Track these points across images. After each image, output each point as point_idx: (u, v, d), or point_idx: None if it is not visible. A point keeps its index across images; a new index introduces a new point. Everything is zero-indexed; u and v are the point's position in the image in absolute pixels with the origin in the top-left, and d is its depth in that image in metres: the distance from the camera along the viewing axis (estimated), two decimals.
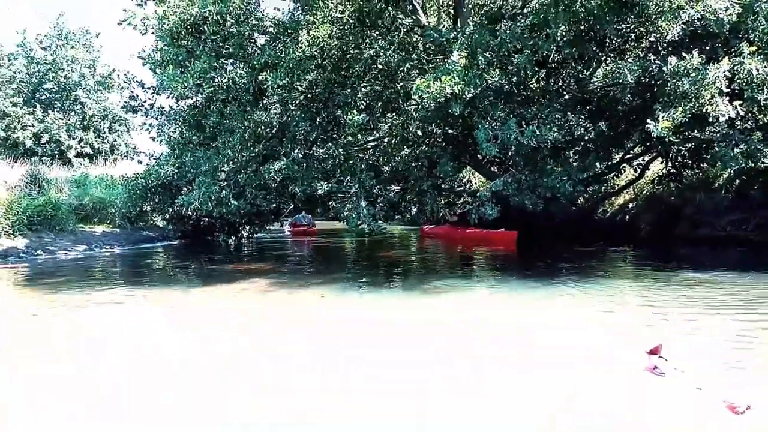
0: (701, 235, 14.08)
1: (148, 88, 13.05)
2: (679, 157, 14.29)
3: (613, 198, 19.31)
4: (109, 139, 36.08)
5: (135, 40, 65.30)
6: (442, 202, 12.58)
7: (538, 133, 9.36)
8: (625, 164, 16.55)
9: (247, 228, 17.44)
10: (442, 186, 12.07)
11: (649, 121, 8.30)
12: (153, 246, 17.27)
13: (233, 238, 18.24)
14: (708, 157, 11.34)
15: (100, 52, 35.60)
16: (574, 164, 11.28)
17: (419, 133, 11.84)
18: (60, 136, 33.32)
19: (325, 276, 11.06)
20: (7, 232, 13.32)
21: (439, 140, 11.98)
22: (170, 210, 14.42)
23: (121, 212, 16.07)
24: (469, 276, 11.10)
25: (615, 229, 17.80)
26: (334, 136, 12.17)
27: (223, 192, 12.32)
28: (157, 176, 15.52)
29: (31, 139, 32.83)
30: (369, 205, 11.82)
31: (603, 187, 19.28)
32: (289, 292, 8.62)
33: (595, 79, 12.88)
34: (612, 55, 11.21)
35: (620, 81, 9.89)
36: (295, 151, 11.57)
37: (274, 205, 13.12)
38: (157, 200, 15.29)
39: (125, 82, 12.83)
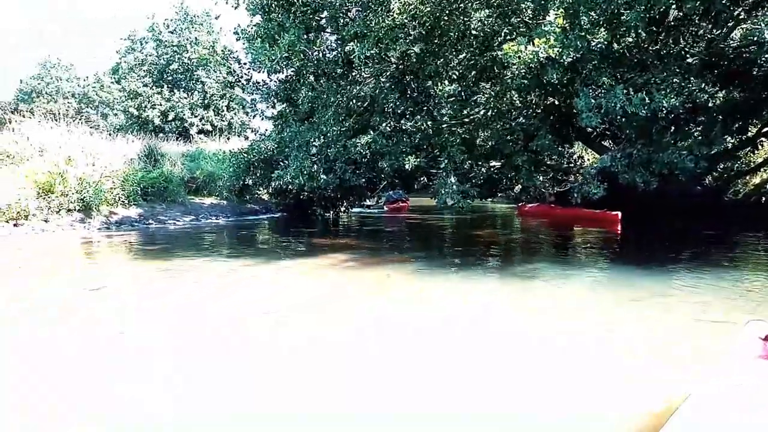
0: None
1: (244, 64, 13.30)
2: None
3: (747, 176, 17.00)
4: (226, 117, 38.13)
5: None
6: (541, 178, 11.65)
7: (648, 100, 8.21)
8: (762, 138, 14.43)
9: (344, 203, 17.49)
10: (541, 161, 11.14)
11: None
12: (256, 218, 17.91)
13: (331, 212, 18.42)
14: None
15: (219, 34, 37.50)
16: (698, 137, 9.88)
17: (516, 103, 11.00)
18: (184, 114, 35.76)
19: (402, 254, 10.65)
20: (123, 202, 14.39)
21: (538, 111, 11.04)
22: (271, 184, 14.73)
23: (227, 186, 16.75)
24: (561, 262, 10.15)
25: (748, 213, 15.63)
26: (425, 108, 11.67)
27: (315, 166, 12.36)
28: (259, 151, 15.95)
29: (159, 117, 35.49)
30: (459, 181, 11.26)
31: (736, 164, 17.16)
32: (360, 269, 8.32)
33: (728, 41, 11.17)
34: (746, 9, 9.58)
35: (756, 39, 8.42)
36: (383, 124, 11.24)
37: (364, 180, 12.89)
38: (258, 174, 15.70)
39: (223, 58, 13.15)
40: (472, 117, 11.67)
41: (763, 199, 15.60)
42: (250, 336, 4.73)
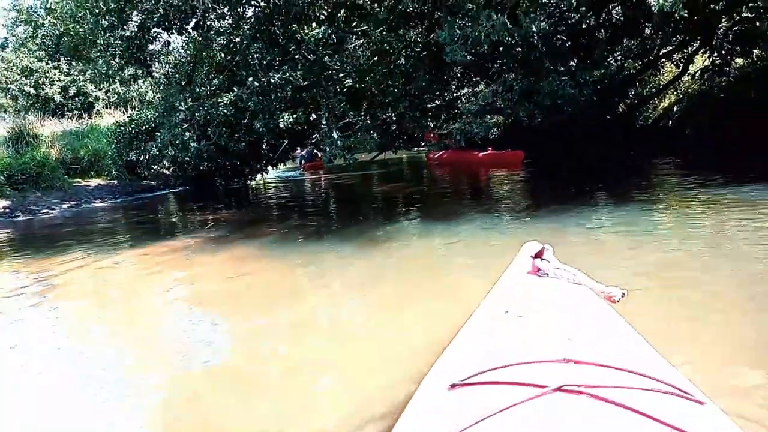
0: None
1: None
2: (725, 44, 11.70)
3: (655, 101, 16.73)
4: (134, 88, 35.49)
5: None
6: (428, 123, 10.82)
7: (511, 26, 7.37)
8: (663, 59, 14.03)
9: (245, 171, 16.19)
10: (423, 105, 10.25)
11: None
12: (151, 196, 16.47)
13: (236, 182, 17.11)
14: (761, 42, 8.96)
15: None
16: (579, 63, 9.17)
17: (394, 43, 9.97)
18: (87, 89, 32.96)
19: (280, 224, 9.68)
20: None
21: (417, 50, 10.06)
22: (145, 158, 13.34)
23: (109, 164, 15.26)
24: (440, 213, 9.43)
25: (659, 138, 15.38)
26: (296, 57, 10.51)
27: (187, 134, 11.15)
28: (139, 122, 14.53)
29: (59, 94, 32.59)
30: (343, 135, 10.30)
31: (643, 90, 16.86)
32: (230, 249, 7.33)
33: None
34: None
35: None
36: (251, 78, 10.05)
37: (244, 144, 11.72)
38: (142, 148, 14.28)
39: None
40: (349, 62, 10.59)
41: (670, 122, 15.36)
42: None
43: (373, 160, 21.79)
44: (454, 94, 10.80)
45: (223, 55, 11.08)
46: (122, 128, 14.55)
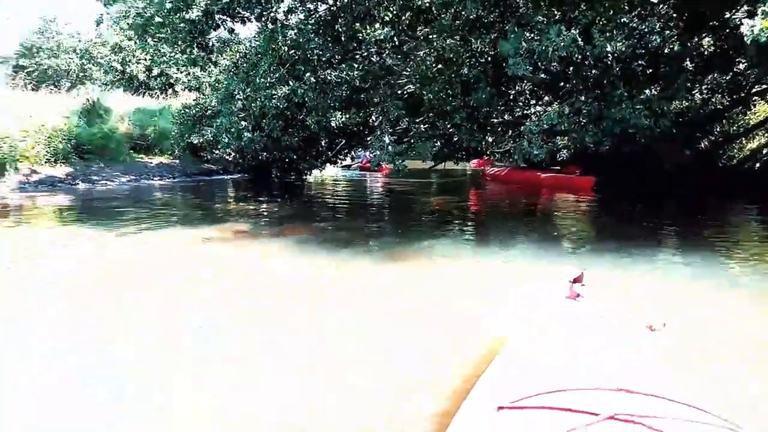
0: None
1: None
2: None
3: (743, 140, 15.37)
4: (213, 73, 36.51)
5: None
6: (488, 138, 10.25)
7: (582, 44, 6.76)
8: (756, 97, 12.82)
9: (302, 165, 16.08)
10: (481, 118, 9.70)
11: (736, 15, 5.44)
12: (208, 179, 16.74)
13: (292, 175, 17.06)
14: None
15: None
16: (658, 91, 8.36)
17: (459, 50, 9.50)
18: (169, 70, 34.21)
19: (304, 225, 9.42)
20: (49, 160, 13.30)
21: (482, 60, 9.54)
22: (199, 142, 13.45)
23: (172, 144, 15.59)
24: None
25: (741, 180, 14.08)
26: (355, 56, 10.24)
27: (242, 123, 11.12)
28: (204, 107, 14.72)
29: (143, 72, 33.99)
30: (395, 141, 9.95)
31: (730, 128, 15.53)
32: (254, 243, 7.17)
33: None
34: None
35: None
36: (308, 74, 9.87)
37: (297, 139, 11.57)
38: (201, 132, 14.47)
39: None
40: (413, 67, 10.20)
41: (757, 165, 14.03)
42: None
43: (432, 169, 21.44)
44: (519, 113, 10.18)
45: (286, 49, 10.93)
46: (187, 110, 14.80)
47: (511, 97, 10.02)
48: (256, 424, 2.57)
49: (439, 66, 9.97)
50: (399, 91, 10.44)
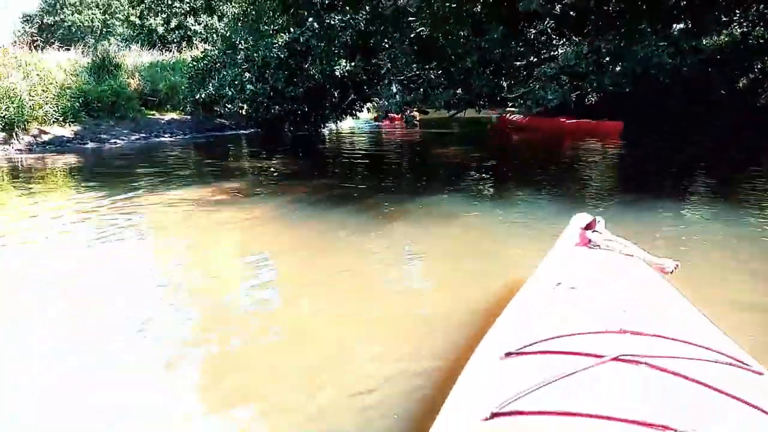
0: None
1: None
2: None
3: None
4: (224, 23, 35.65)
5: None
6: (503, 83, 9.61)
7: None
8: None
9: (314, 119, 15.59)
10: (495, 61, 9.05)
11: None
12: (220, 135, 16.41)
13: (306, 128, 16.60)
14: None
15: None
16: (679, 26, 7.61)
17: None
18: (187, 21, 33.46)
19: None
20: (57, 119, 13.13)
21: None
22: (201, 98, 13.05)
23: (182, 100, 15.25)
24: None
25: None
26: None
27: (246, 74, 10.71)
28: (210, 59, 14.26)
29: (162, 26, 33.31)
30: (405, 89, 9.43)
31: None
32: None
33: None
34: None
35: None
36: (310, 19, 9.33)
37: (302, 90, 11.11)
38: (208, 86, 14.08)
39: None
40: (420, 6, 9.53)
41: None
42: None
43: (453, 118, 20.72)
44: (535, 55, 9.48)
45: None
46: (195, 63, 14.41)
47: (528, 38, 9.28)
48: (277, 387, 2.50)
49: (451, 4, 9.31)
50: (409, 35, 9.83)
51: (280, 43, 9.29)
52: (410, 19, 9.76)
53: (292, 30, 9.25)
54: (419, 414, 2.12)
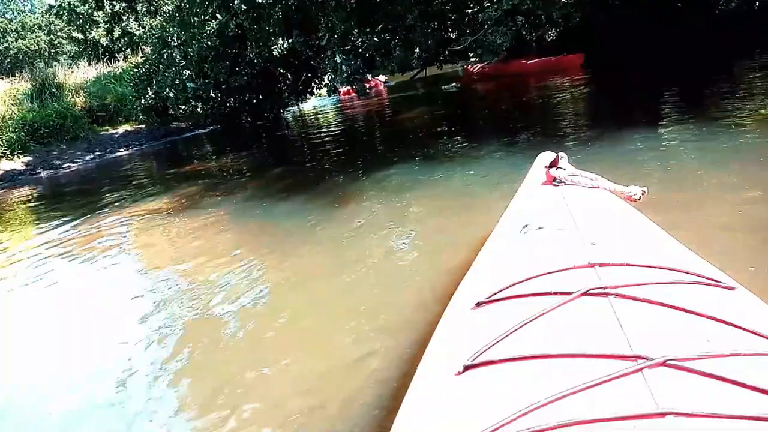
0: None
1: None
2: None
3: None
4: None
5: None
6: (449, 35, 9.14)
7: None
8: None
9: (269, 106, 15.02)
10: (436, 14, 8.56)
11: None
12: (179, 138, 15.77)
13: (266, 116, 16.01)
14: None
15: None
16: None
17: None
18: (131, 27, 32.24)
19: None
20: (4, 153, 12.51)
21: None
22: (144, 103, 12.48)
23: (129, 108, 14.65)
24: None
25: (742, 25, 12.76)
26: None
27: (186, 72, 10.16)
28: (153, 62, 13.63)
29: (105, 37, 32.11)
30: (348, 58, 8.94)
31: None
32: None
33: None
34: None
35: None
36: (235, 1, 8.75)
37: (246, 78, 10.57)
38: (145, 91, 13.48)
39: None
40: None
41: (757, 4, 12.63)
42: None
43: (416, 79, 20.14)
44: (479, 2, 8.99)
45: None
46: (136, 70, 13.80)
47: None
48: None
49: None
50: (343, 1, 9.29)
51: (208, 31, 8.72)
52: None
53: (219, 16, 8.67)
54: (401, 377, 2.12)
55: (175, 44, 9.77)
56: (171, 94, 10.33)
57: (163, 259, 4.64)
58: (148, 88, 13.05)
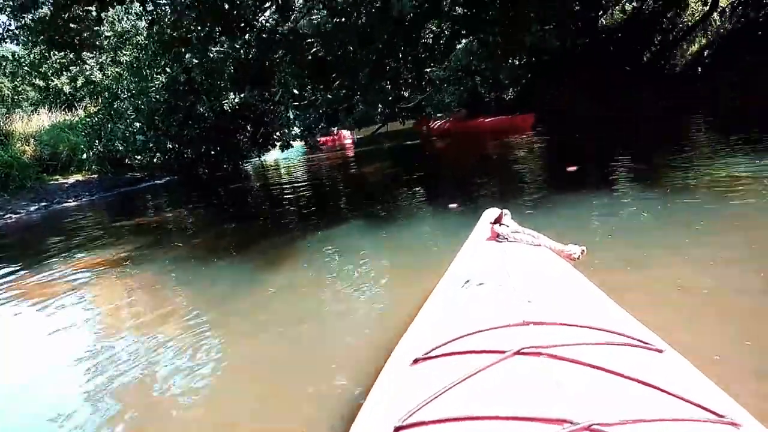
0: None
1: None
2: None
3: (684, 45, 14.59)
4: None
5: None
6: (402, 94, 9.22)
7: None
8: None
9: (228, 158, 14.78)
10: (386, 71, 8.64)
11: None
12: (131, 190, 15.34)
13: (225, 168, 15.73)
14: None
15: None
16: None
17: None
18: (94, 77, 31.98)
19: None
20: None
21: (377, 4, 8.41)
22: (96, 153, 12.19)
23: (82, 158, 14.25)
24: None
25: (686, 88, 13.33)
26: (242, 26, 9.04)
27: (137, 124, 9.96)
28: (107, 112, 13.37)
29: (68, 84, 31.69)
30: (302, 114, 8.89)
31: (669, 34, 14.75)
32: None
33: None
34: None
35: None
36: (188, 55, 8.68)
37: (198, 130, 10.41)
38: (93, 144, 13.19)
39: None
40: (307, 27, 9.04)
41: (699, 69, 13.27)
42: None
43: (377, 134, 20.34)
44: (430, 61, 9.14)
45: (170, 31, 9.68)
46: (89, 119, 13.52)
47: (420, 43, 8.94)
48: None
49: (338, 19, 8.87)
50: (300, 57, 9.33)
51: (157, 84, 8.60)
52: (306, 41, 9.30)
53: (168, 70, 8.57)
54: None
55: (125, 96, 9.59)
56: (120, 147, 10.05)
57: (100, 315, 4.38)
58: (97, 141, 12.76)
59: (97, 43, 16.10)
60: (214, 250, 6.03)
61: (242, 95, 8.56)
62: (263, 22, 8.78)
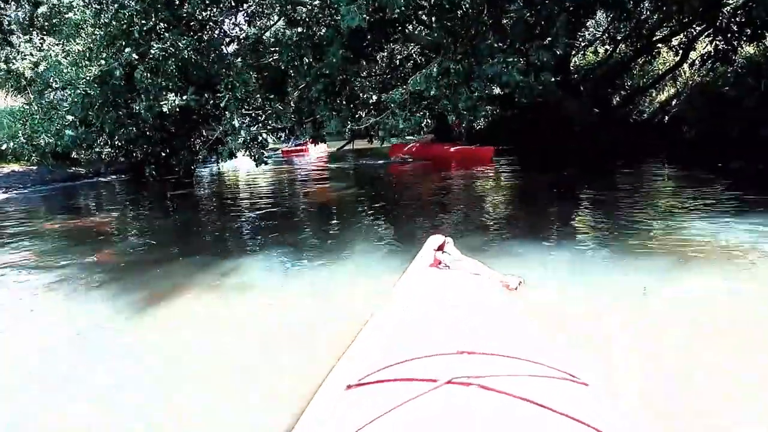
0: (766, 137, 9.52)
1: None
2: (733, 28, 9.55)
3: (654, 93, 14.52)
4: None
5: None
6: (353, 113, 8.70)
7: None
8: (659, 44, 11.87)
9: (176, 160, 13.95)
10: (338, 88, 8.12)
11: None
12: (70, 185, 14.44)
13: (177, 170, 14.85)
14: None
15: None
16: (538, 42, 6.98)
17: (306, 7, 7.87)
18: (60, 63, 30.75)
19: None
20: None
21: (337, 17, 7.90)
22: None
23: (15, 147, 13.30)
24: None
25: (653, 135, 13.20)
26: (190, 24, 8.43)
27: (69, 117, 9.20)
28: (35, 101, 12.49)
29: (30, 68, 30.35)
30: (249, 123, 8.29)
31: (639, 80, 14.71)
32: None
33: None
34: None
35: None
36: (127, 49, 8.01)
37: (135, 130, 9.66)
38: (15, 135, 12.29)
39: None
40: (256, 34, 8.49)
41: (666, 118, 13.16)
42: None
43: (342, 151, 19.81)
44: (386, 83, 8.67)
45: (116, 24, 8.98)
46: (26, 107, 12.59)
47: (370, 59, 8.48)
48: None
49: (293, 30, 8.35)
50: (254, 63, 8.76)
51: (89, 77, 7.90)
52: (261, 48, 8.76)
53: (103, 62, 7.89)
54: None
55: (56, 87, 8.85)
56: (42, 141, 9.23)
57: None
58: (20, 132, 11.86)
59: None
60: (140, 262, 5.55)
61: (184, 97, 7.87)
62: (218, 23, 8.19)
